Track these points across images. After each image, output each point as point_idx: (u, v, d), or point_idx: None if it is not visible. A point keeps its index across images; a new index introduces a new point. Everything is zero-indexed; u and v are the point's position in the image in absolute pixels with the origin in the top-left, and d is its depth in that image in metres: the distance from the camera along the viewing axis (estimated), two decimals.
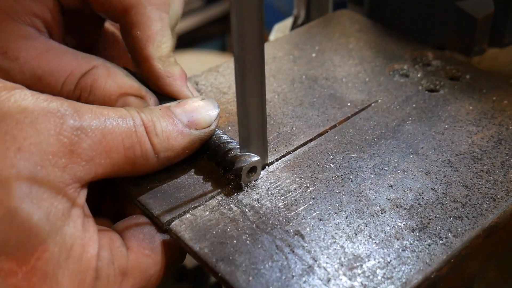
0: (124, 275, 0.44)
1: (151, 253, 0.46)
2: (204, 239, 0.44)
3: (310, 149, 0.53)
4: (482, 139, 0.54)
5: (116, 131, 0.44)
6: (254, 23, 0.43)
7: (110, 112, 0.45)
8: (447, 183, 0.49)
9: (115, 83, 0.51)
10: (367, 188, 0.49)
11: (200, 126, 0.49)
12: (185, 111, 0.48)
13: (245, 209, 0.47)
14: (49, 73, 0.50)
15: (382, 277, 0.42)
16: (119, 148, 0.44)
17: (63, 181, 0.41)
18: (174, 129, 0.47)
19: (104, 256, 0.43)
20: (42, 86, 0.49)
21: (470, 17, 0.64)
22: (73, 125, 0.42)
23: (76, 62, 0.50)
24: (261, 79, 0.46)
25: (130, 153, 0.45)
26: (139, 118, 0.46)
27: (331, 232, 0.45)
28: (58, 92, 0.50)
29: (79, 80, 0.50)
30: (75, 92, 0.50)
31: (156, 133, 0.46)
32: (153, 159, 0.46)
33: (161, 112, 0.47)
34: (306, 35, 0.70)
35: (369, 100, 0.59)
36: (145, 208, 0.47)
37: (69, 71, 0.50)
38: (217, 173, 0.50)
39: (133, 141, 0.45)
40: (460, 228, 0.45)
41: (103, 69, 0.51)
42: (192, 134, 0.48)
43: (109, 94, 0.50)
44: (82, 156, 0.42)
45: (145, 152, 0.46)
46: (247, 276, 0.41)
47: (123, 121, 0.45)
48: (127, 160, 0.45)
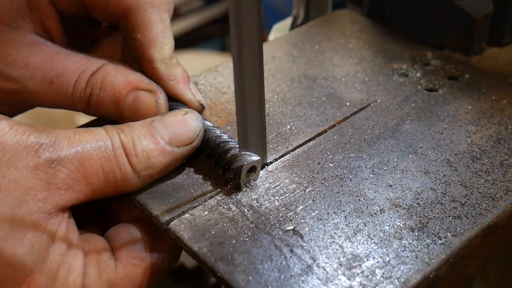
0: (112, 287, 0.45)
1: (140, 262, 0.46)
2: (203, 239, 0.44)
3: (309, 149, 0.53)
4: (481, 138, 0.54)
5: (94, 157, 0.44)
6: (252, 22, 0.43)
7: (88, 137, 0.45)
8: (446, 183, 0.49)
9: (124, 78, 0.51)
10: (366, 188, 0.49)
11: (182, 143, 0.48)
12: (167, 128, 0.48)
13: (244, 209, 0.47)
14: (60, 75, 0.50)
15: (381, 276, 0.42)
16: (98, 173, 0.44)
17: (45, 211, 0.42)
18: (156, 148, 0.47)
19: (90, 273, 0.44)
20: (54, 88, 0.50)
21: (470, 17, 0.64)
22: (49, 158, 0.43)
23: (86, 61, 0.51)
24: (260, 78, 0.46)
25: (110, 177, 0.45)
26: (118, 139, 0.46)
27: (330, 232, 0.45)
28: (71, 93, 0.50)
29: (90, 78, 0.51)
30: (86, 90, 0.51)
31: (135, 154, 0.46)
32: (134, 179, 0.46)
33: (142, 130, 0.47)
34: (306, 35, 0.70)
35: (368, 100, 0.59)
36: (144, 208, 0.47)
37: (80, 71, 0.51)
38: (216, 172, 0.50)
39: (112, 165, 0.45)
40: (459, 227, 0.45)
41: (112, 66, 0.51)
42: (174, 152, 0.48)
43: (119, 89, 0.51)
44: (60, 186, 0.43)
45: (125, 174, 0.46)
46: (246, 275, 0.41)
47: (101, 146, 0.45)
48: (108, 183, 0.45)
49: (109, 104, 0.51)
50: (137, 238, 0.47)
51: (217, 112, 0.58)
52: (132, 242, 0.47)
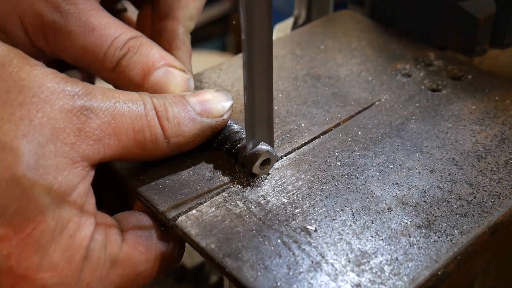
0: (113, 262, 0.44)
1: (144, 250, 0.46)
2: (211, 235, 0.44)
3: (315, 147, 0.53)
4: (486, 138, 0.54)
5: (126, 114, 0.45)
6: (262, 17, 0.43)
7: (121, 95, 0.45)
8: (452, 181, 0.49)
9: (160, 52, 0.52)
10: (373, 186, 0.49)
11: (213, 115, 0.49)
12: (199, 100, 0.49)
13: (251, 205, 0.47)
14: (103, 27, 0.51)
15: (389, 273, 0.41)
16: (128, 130, 0.45)
17: (71, 158, 0.42)
18: (186, 115, 0.48)
19: (98, 239, 0.43)
20: (93, 38, 0.50)
21: (472, 18, 0.65)
22: (83, 105, 0.43)
23: (126, 26, 0.52)
24: (269, 74, 0.46)
25: (139, 136, 0.45)
26: (151, 102, 0.46)
27: (338, 229, 0.45)
28: (107, 48, 0.51)
29: (129, 40, 0.51)
30: (122, 49, 0.51)
31: (167, 118, 0.46)
32: (163, 144, 0.47)
33: (174, 99, 0.48)
34: (308, 35, 0.70)
35: (372, 99, 0.59)
36: (150, 204, 0.47)
37: (122, 31, 0.51)
38: (223, 169, 0.50)
39: (143, 124, 0.45)
40: (466, 225, 0.45)
41: (148, 39, 0.53)
42: (204, 122, 0.48)
43: (153, 59, 0.52)
44: (90, 135, 0.43)
45: (155, 136, 0.46)
46: (255, 272, 0.41)
47: (134, 105, 0.45)
48: (137, 143, 0.45)
49: (138, 70, 0.51)
50: (146, 226, 0.47)
51: None
52: (140, 229, 0.47)
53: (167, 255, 0.48)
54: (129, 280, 0.46)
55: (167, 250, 0.48)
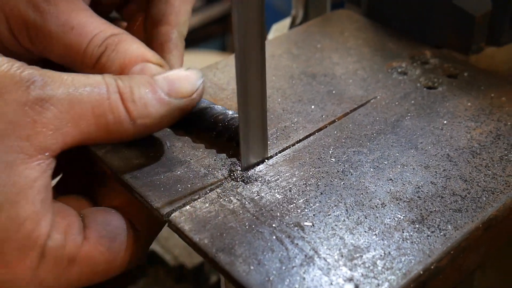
0: (71, 262, 0.44)
1: (106, 251, 0.46)
2: (204, 230, 0.44)
3: (309, 144, 0.53)
4: (481, 134, 0.54)
5: (85, 100, 0.44)
6: (255, 13, 0.43)
7: (82, 80, 0.45)
8: (446, 177, 0.49)
9: (139, 49, 0.52)
10: (367, 182, 0.49)
11: (182, 95, 0.48)
12: (167, 80, 0.48)
13: (244, 201, 0.47)
14: (83, 25, 0.51)
15: (382, 267, 0.42)
16: (88, 116, 0.44)
17: (26, 153, 0.41)
18: (153, 96, 0.47)
19: (56, 238, 0.43)
20: (72, 36, 0.51)
21: (468, 16, 0.65)
22: (39, 95, 0.42)
23: (108, 25, 0.52)
24: (262, 72, 0.46)
25: (101, 121, 0.45)
26: (115, 85, 0.46)
27: (331, 224, 0.45)
28: (85, 45, 0.51)
29: (108, 37, 0.51)
30: (100, 48, 0.51)
31: (133, 100, 0.46)
32: (129, 125, 0.46)
33: (142, 80, 0.48)
34: (305, 34, 0.71)
35: (368, 97, 0.59)
36: (145, 200, 0.47)
37: (101, 29, 0.51)
38: (218, 166, 0.50)
39: (104, 108, 0.45)
40: (459, 220, 0.45)
41: (129, 36, 0.53)
42: (172, 103, 0.48)
43: (131, 56, 0.51)
44: (47, 126, 0.42)
45: (119, 119, 0.46)
46: (247, 266, 0.41)
47: (95, 89, 0.45)
48: (99, 127, 0.45)
49: (116, 67, 0.51)
50: (113, 226, 0.47)
51: None
52: (105, 228, 0.46)
53: (131, 255, 0.48)
54: (87, 278, 0.45)
55: (131, 251, 0.47)
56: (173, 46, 0.56)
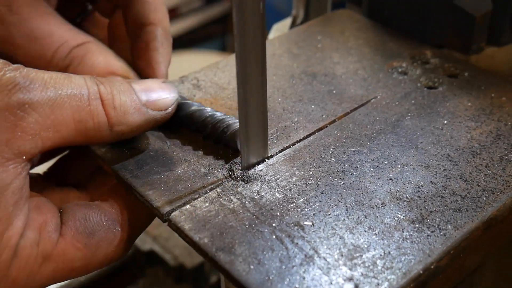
0: (46, 259, 0.44)
1: (83, 247, 0.45)
2: (204, 229, 0.44)
3: (310, 143, 0.53)
4: (481, 134, 0.54)
5: (67, 105, 0.44)
6: (255, 14, 0.43)
7: (65, 82, 0.44)
8: (446, 177, 0.49)
9: (105, 60, 0.52)
10: (367, 181, 0.49)
11: (158, 108, 0.49)
12: (145, 90, 0.49)
13: (245, 200, 0.47)
14: (47, 35, 0.51)
15: (382, 267, 0.42)
16: (68, 121, 0.44)
17: (3, 156, 0.41)
18: (132, 105, 0.47)
19: (29, 236, 0.43)
20: (37, 47, 0.50)
21: (468, 16, 0.65)
22: (20, 100, 0.42)
23: (73, 33, 0.52)
24: (262, 71, 0.46)
25: (81, 126, 0.45)
26: (96, 90, 0.46)
27: (331, 224, 0.45)
28: (50, 58, 0.51)
29: (72, 49, 0.51)
30: (65, 60, 0.51)
31: (114, 106, 0.46)
32: (106, 131, 0.46)
33: (122, 87, 0.48)
34: (305, 33, 0.71)
35: (368, 96, 0.59)
36: (145, 200, 0.47)
37: (65, 39, 0.51)
38: (218, 166, 0.50)
39: (85, 114, 0.45)
40: (459, 220, 0.45)
41: (96, 46, 0.52)
42: (149, 114, 0.48)
43: (97, 69, 0.51)
44: (27, 131, 0.42)
45: (98, 125, 0.46)
46: (247, 265, 0.41)
47: (77, 94, 0.45)
48: (78, 132, 0.45)
49: None
50: (91, 222, 0.46)
51: (217, 107, 0.58)
52: (83, 225, 0.46)
53: (112, 251, 0.47)
54: (62, 275, 0.45)
55: (112, 247, 0.47)
56: (159, 44, 0.56)
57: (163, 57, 0.55)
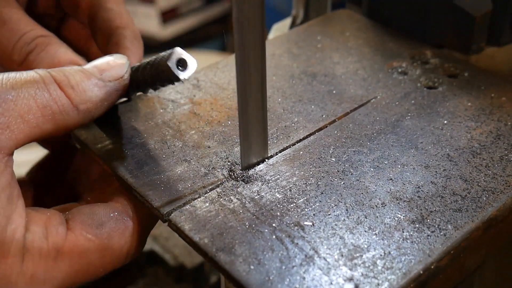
0: (59, 252, 0.43)
1: (94, 238, 0.45)
2: (204, 229, 0.44)
3: (310, 143, 0.53)
4: (481, 134, 0.54)
5: (26, 95, 0.45)
6: (255, 14, 0.43)
7: (17, 76, 0.45)
8: (446, 177, 0.49)
9: (66, 53, 0.54)
10: (367, 181, 0.49)
11: (113, 78, 0.50)
12: (96, 67, 0.50)
13: (245, 200, 0.47)
14: (14, 22, 0.53)
15: (382, 267, 0.41)
16: (33, 109, 0.45)
17: None
18: (89, 82, 0.48)
19: (36, 230, 0.43)
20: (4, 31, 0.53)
21: (468, 16, 0.65)
22: None
23: (38, 25, 0.54)
24: (262, 71, 0.46)
25: (47, 112, 0.45)
26: (49, 76, 0.46)
27: (331, 224, 0.45)
28: (15, 42, 0.53)
29: (38, 36, 0.53)
30: (30, 45, 0.53)
31: (71, 86, 0.47)
32: (73, 112, 0.47)
33: (74, 69, 0.49)
34: (305, 33, 0.71)
35: (368, 96, 0.59)
36: (145, 200, 0.47)
37: (32, 28, 0.53)
38: (218, 166, 0.50)
39: (46, 99, 0.45)
40: (460, 220, 0.45)
41: (58, 40, 0.55)
42: (107, 86, 0.49)
43: (59, 58, 0.53)
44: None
45: (63, 107, 0.46)
46: (247, 266, 0.41)
47: (33, 83, 0.45)
48: (46, 119, 0.45)
49: (44, 66, 0.53)
50: (98, 215, 0.46)
51: (217, 108, 0.58)
52: (91, 219, 0.46)
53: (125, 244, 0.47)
54: (81, 270, 0.45)
55: (123, 238, 0.47)
56: (129, 43, 0.57)
57: (133, 54, 0.56)
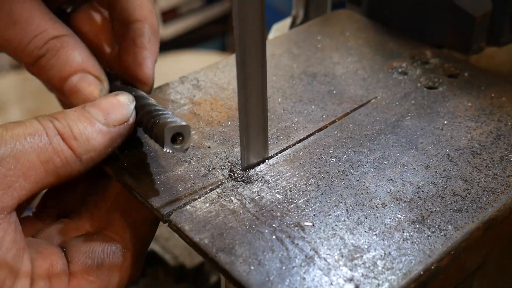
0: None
1: (96, 279, 0.46)
2: (204, 230, 0.44)
3: (310, 144, 0.53)
4: (481, 134, 0.54)
5: (29, 151, 0.44)
6: (255, 16, 0.43)
7: (21, 131, 0.44)
8: (446, 177, 0.49)
9: (80, 56, 0.51)
10: (367, 182, 0.49)
11: (118, 122, 0.48)
12: (101, 109, 0.48)
13: (245, 201, 0.47)
14: (26, 21, 0.49)
15: (382, 267, 0.41)
16: (36, 165, 0.44)
17: None
18: (93, 129, 0.47)
19: (40, 285, 0.44)
20: (14, 30, 0.49)
21: (468, 16, 0.65)
22: None
23: (52, 23, 0.51)
24: (262, 71, 0.46)
25: (49, 166, 0.45)
26: (53, 127, 0.45)
27: (332, 224, 0.45)
28: (26, 44, 0.50)
29: (50, 40, 0.50)
30: (41, 50, 0.50)
31: (74, 137, 0.46)
32: (76, 163, 0.46)
33: (76, 114, 0.47)
34: (305, 33, 0.71)
35: (368, 97, 0.59)
36: (145, 200, 0.47)
37: (44, 28, 0.50)
38: (218, 166, 0.50)
39: (49, 154, 0.45)
40: (460, 220, 0.45)
41: (73, 40, 0.51)
42: (112, 132, 0.48)
43: (71, 64, 0.51)
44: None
45: (65, 160, 0.45)
46: (248, 266, 0.41)
47: (35, 137, 0.44)
48: (49, 173, 0.45)
49: (55, 72, 0.51)
50: (97, 253, 0.47)
51: (217, 108, 0.58)
52: (90, 257, 0.47)
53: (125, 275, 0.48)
54: None
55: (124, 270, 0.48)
56: (146, 41, 0.55)
57: (150, 53, 0.55)
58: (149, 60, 0.54)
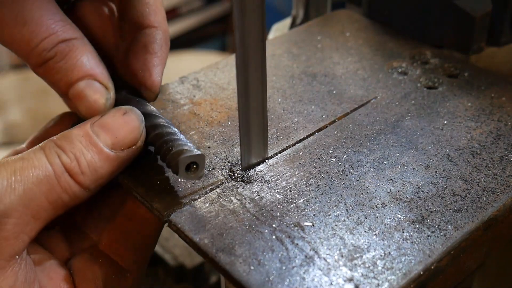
0: None
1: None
2: (204, 230, 0.44)
3: (310, 144, 0.53)
4: (481, 134, 0.54)
5: (38, 194, 0.43)
6: (255, 16, 0.43)
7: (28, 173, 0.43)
8: (446, 177, 0.49)
9: (88, 62, 0.50)
10: (367, 182, 0.49)
11: (126, 146, 0.47)
12: (108, 132, 0.47)
13: (245, 201, 0.47)
14: (36, 22, 0.48)
15: (382, 267, 0.42)
16: (44, 206, 0.44)
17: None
18: (101, 157, 0.46)
19: None
20: (24, 30, 0.48)
21: (468, 16, 0.65)
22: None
23: (62, 24, 0.49)
24: (262, 71, 0.46)
25: (58, 204, 0.44)
26: (59, 163, 0.44)
27: (331, 224, 0.45)
28: (34, 46, 0.48)
29: (59, 43, 0.49)
30: (50, 52, 0.49)
31: (82, 172, 0.45)
32: (84, 194, 0.46)
33: (83, 142, 0.46)
34: (305, 33, 0.71)
35: (368, 97, 0.59)
36: (145, 201, 0.47)
37: (55, 30, 0.49)
38: (218, 167, 0.50)
39: (57, 193, 0.44)
40: (460, 220, 0.45)
41: (82, 44, 0.50)
42: (119, 157, 0.47)
43: (79, 69, 0.49)
44: (9, 237, 0.42)
45: (74, 195, 0.45)
46: (247, 266, 0.41)
47: (42, 179, 0.44)
48: (57, 210, 0.45)
49: (62, 76, 0.49)
50: (102, 281, 0.48)
51: (217, 108, 0.58)
52: (95, 285, 0.47)
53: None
54: None
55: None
56: (157, 48, 0.53)
57: (160, 60, 0.53)
58: (159, 68, 0.53)
